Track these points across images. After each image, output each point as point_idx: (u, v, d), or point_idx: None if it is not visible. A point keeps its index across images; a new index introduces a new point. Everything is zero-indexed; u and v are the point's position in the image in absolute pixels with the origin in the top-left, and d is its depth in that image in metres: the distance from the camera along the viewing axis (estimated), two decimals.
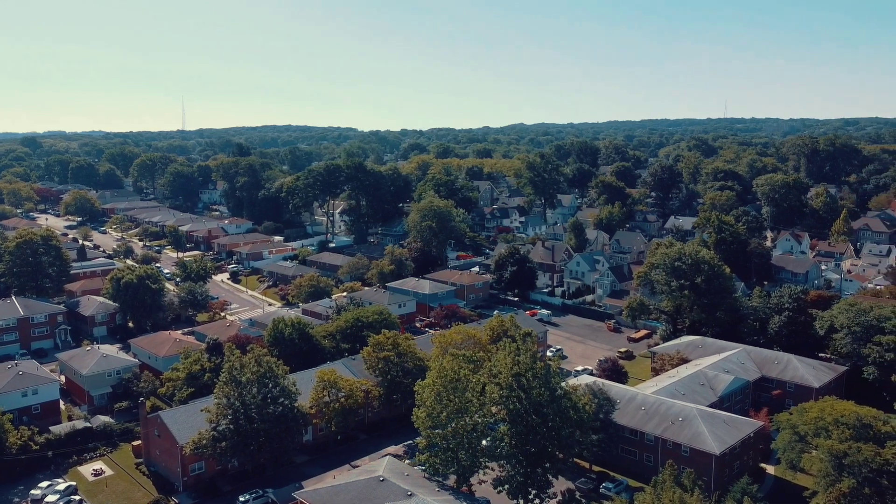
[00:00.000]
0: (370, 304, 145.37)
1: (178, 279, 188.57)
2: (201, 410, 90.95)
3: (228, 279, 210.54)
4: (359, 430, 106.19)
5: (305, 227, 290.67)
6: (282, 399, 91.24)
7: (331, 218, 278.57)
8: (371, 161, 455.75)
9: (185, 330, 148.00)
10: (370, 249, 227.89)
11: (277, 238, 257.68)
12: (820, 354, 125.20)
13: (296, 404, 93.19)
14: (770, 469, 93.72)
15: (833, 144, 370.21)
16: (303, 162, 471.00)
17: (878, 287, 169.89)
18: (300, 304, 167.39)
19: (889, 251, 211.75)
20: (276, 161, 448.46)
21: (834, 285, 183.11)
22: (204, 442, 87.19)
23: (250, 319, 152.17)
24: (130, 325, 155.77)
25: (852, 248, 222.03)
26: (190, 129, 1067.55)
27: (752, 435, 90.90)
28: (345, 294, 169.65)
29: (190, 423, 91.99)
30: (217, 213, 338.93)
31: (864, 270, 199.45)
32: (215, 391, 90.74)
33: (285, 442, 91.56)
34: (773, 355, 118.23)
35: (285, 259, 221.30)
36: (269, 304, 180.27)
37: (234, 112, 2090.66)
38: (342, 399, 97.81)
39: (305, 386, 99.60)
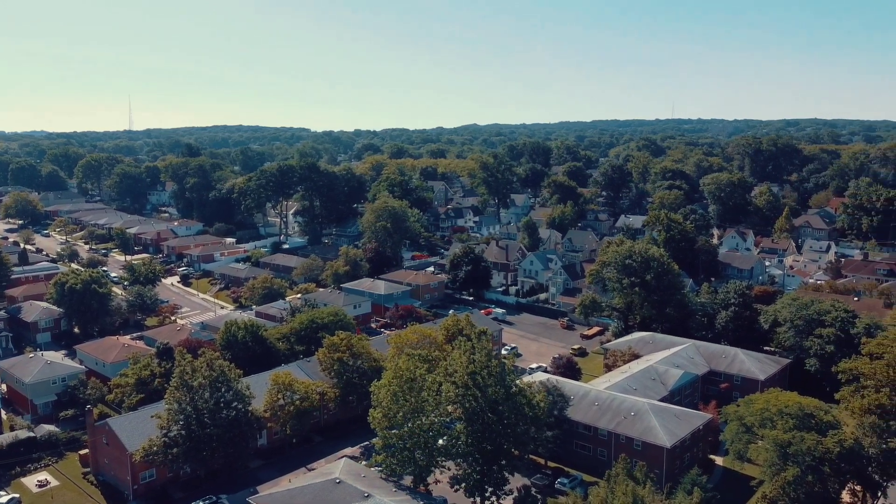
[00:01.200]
0: (325, 305, 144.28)
1: (126, 283, 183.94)
2: (152, 417, 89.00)
3: (179, 282, 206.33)
4: (314, 433, 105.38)
5: (258, 229, 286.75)
6: (235, 403, 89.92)
7: (284, 219, 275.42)
8: (325, 161, 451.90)
9: (134, 335, 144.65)
10: (324, 250, 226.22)
11: (229, 240, 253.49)
12: (765, 348, 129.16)
13: (250, 408, 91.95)
14: (719, 460, 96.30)
15: (775, 145, 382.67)
16: (255, 162, 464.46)
17: (818, 282, 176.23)
18: (253, 307, 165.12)
19: (828, 247, 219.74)
20: (228, 161, 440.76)
21: (777, 281, 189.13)
22: (155, 449, 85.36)
23: (202, 323, 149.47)
24: (76, 330, 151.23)
25: (794, 244, 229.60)
26: (137, 130, 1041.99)
27: (701, 427, 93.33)
28: (299, 296, 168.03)
29: (140, 429, 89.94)
30: (166, 214, 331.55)
31: (805, 266, 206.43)
32: (166, 397, 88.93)
33: (239, 447, 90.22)
34: (720, 349, 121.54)
35: (238, 261, 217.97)
36: (222, 307, 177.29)
37: (183, 112, 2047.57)
38: (297, 402, 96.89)
39: (260, 389, 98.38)
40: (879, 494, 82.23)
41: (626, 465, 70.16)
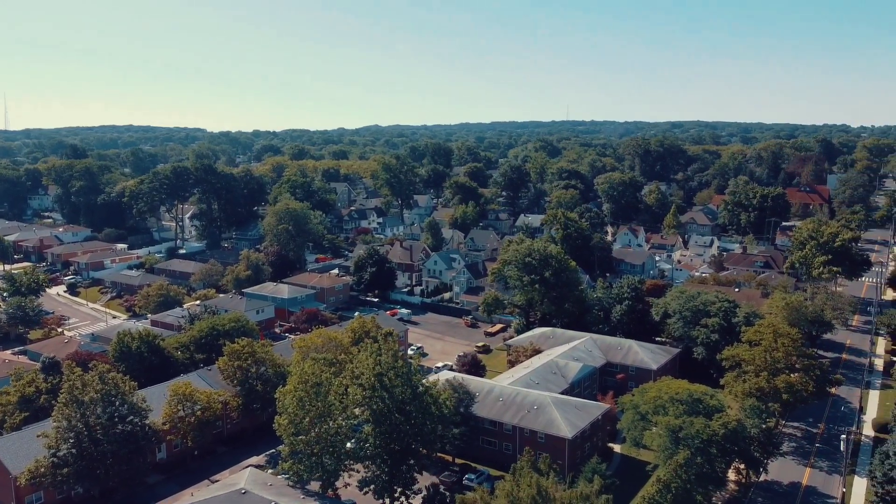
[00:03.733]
0: (226, 311, 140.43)
1: (5, 294, 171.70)
2: (38, 436, 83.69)
3: (65, 291, 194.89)
4: (218, 444, 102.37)
5: (152, 234, 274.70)
6: (131, 417, 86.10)
7: (180, 223, 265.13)
8: (222, 163, 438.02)
9: (16, 349, 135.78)
10: (224, 255, 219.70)
11: (121, 246, 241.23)
12: (656, 339, 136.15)
13: (147, 421, 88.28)
14: (617, 448, 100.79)
15: (662, 145, 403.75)
16: (147, 164, 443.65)
17: (703, 275, 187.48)
18: (149, 315, 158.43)
19: (712, 242, 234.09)
20: (117, 163, 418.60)
21: (667, 275, 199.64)
22: (42, 470, 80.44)
23: (92, 334, 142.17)
24: None
25: (681, 240, 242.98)
26: (15, 129, 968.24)
27: (600, 417, 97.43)
28: (198, 302, 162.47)
29: (24, 450, 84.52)
30: (50, 220, 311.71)
31: (691, 260, 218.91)
32: (54, 414, 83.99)
33: (136, 463, 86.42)
34: (616, 342, 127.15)
35: (130, 268, 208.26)
36: (114, 317, 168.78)
37: (66, 111, 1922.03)
38: (198, 412, 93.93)
39: (158, 401, 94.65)
40: (761, 471, 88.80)
41: (530, 457, 72.24)
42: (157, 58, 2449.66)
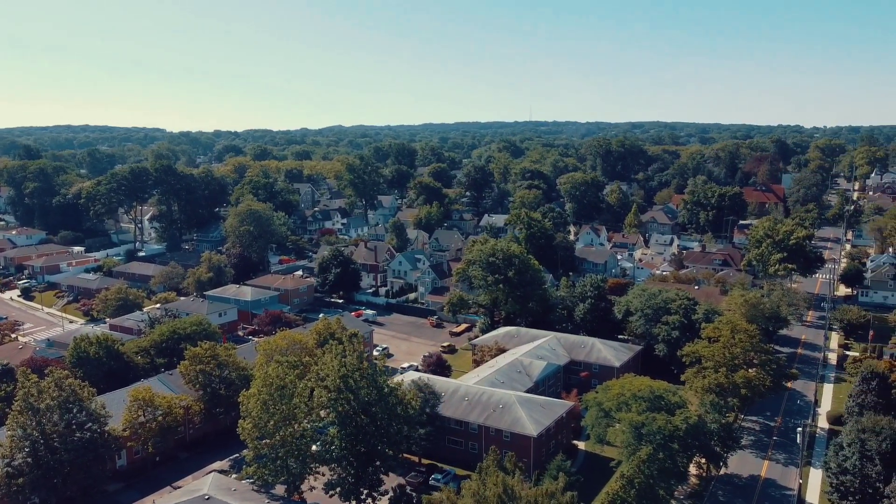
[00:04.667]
0: (187, 314, 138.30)
1: None
2: None
3: (19, 296, 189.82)
4: (180, 449, 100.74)
5: (110, 236, 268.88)
6: (89, 424, 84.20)
7: (139, 225, 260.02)
8: (182, 164, 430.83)
9: None
10: (185, 257, 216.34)
11: (77, 248, 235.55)
12: (619, 336, 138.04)
13: (106, 428, 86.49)
14: (581, 445, 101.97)
15: (623, 146, 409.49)
16: (104, 165, 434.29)
17: (664, 273, 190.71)
18: (107, 320, 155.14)
19: (672, 241, 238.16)
20: (73, 164, 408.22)
21: (628, 273, 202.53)
22: None
23: (48, 340, 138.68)
24: None
25: (642, 238, 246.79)
26: None
27: (564, 415, 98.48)
28: (158, 306, 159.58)
29: None
30: (2, 223, 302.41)
31: (652, 259, 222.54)
32: (8, 422, 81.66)
33: (95, 471, 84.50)
34: (579, 340, 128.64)
35: (88, 271, 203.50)
36: (71, 322, 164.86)
37: (18, 110, 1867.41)
38: (160, 417, 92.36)
39: (117, 407, 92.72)
40: (721, 464, 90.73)
41: (496, 456, 72.64)
42: (114, 54, 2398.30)
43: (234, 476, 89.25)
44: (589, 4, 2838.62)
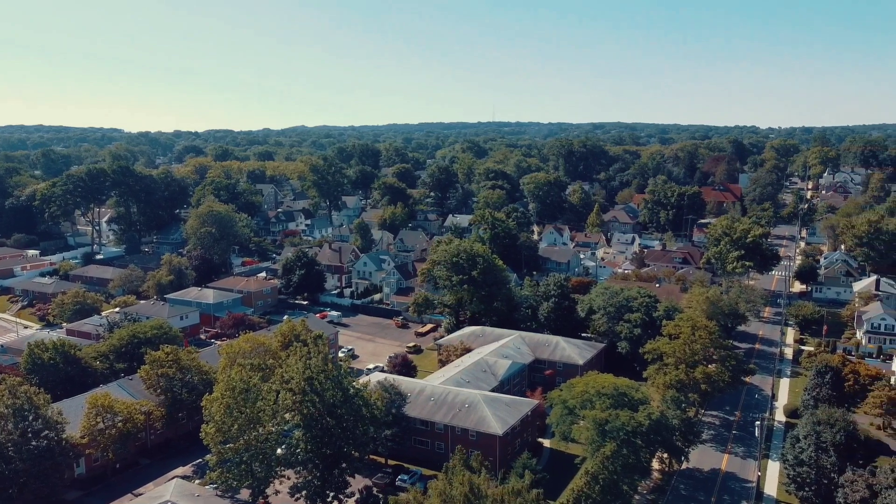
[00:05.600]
0: (147, 318, 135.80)
1: None
2: None
3: None
4: (141, 455, 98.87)
5: (66, 239, 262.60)
6: (45, 432, 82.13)
7: (97, 227, 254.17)
8: (141, 164, 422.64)
9: None
10: (145, 259, 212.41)
11: (32, 252, 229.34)
12: (582, 334, 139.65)
13: (64, 435, 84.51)
14: (546, 442, 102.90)
15: (585, 146, 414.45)
16: (59, 166, 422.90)
17: (626, 271, 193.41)
18: (64, 325, 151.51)
19: (633, 239, 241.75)
20: (27, 165, 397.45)
21: (591, 272, 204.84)
22: None
23: (1, 346, 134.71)
24: None
25: (605, 237, 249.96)
26: None
27: (529, 413, 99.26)
28: (117, 310, 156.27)
29: None
30: None
31: (614, 257, 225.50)
32: None
33: (52, 479, 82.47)
34: (544, 339, 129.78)
35: (43, 275, 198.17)
36: (25, 327, 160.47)
37: None
38: (119, 424, 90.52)
39: (75, 414, 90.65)
40: (683, 459, 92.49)
41: (462, 455, 72.96)
42: (70, 49, 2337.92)
43: (197, 481, 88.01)
44: (550, 5, 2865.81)
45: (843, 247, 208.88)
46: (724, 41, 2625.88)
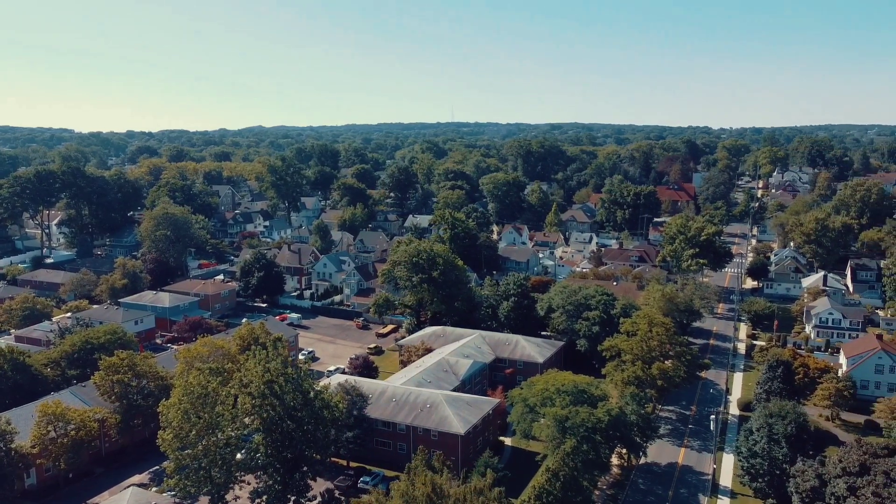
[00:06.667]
0: (101, 323, 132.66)
1: None
2: None
3: None
4: (95, 464, 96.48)
5: (14, 242, 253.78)
6: None
7: (46, 230, 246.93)
8: (93, 165, 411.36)
9: None
10: (97, 263, 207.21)
11: None
12: (542, 333, 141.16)
13: (13, 445, 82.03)
14: (508, 441, 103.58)
15: (543, 146, 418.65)
16: (6, 167, 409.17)
17: (584, 270, 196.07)
18: (12, 331, 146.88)
19: (591, 238, 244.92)
20: None
21: (550, 271, 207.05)
22: None
23: None
24: None
25: (563, 237, 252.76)
26: None
27: (490, 412, 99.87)
28: (69, 315, 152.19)
29: None
30: None
31: (573, 256, 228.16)
32: None
33: (1, 491, 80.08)
34: (504, 337, 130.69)
35: None
36: None
37: None
38: (72, 432, 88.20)
39: (25, 423, 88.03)
40: (641, 454, 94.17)
41: (424, 456, 73.06)
42: (12, 42, 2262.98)
43: (154, 489, 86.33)
44: (508, 4, 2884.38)
45: (792, 244, 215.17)
46: (677, 44, 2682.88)
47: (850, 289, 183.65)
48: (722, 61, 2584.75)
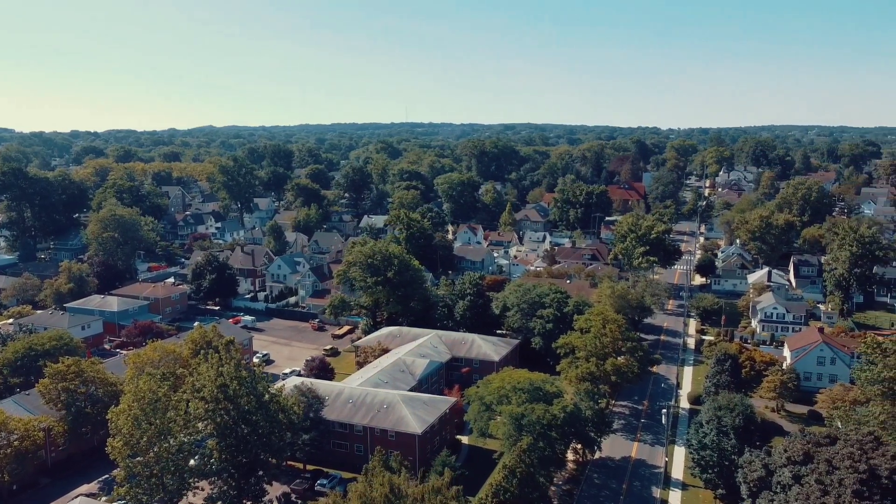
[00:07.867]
0: (45, 329, 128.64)
1: None
2: None
3: None
4: (41, 474, 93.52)
5: None
6: None
7: None
8: (35, 166, 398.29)
9: None
10: (41, 267, 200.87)
11: None
12: (497, 331, 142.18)
13: None
14: (465, 439, 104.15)
15: (497, 147, 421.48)
16: None
17: (538, 269, 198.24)
18: None
19: (544, 237, 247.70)
20: None
21: (505, 270, 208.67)
22: None
23: None
24: None
25: (517, 236, 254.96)
26: None
27: (447, 411, 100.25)
28: (11, 321, 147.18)
29: None
30: None
31: (527, 255, 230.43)
32: None
33: None
34: (460, 337, 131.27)
35: None
36: None
37: None
38: (15, 442, 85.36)
39: None
40: (596, 449, 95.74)
41: (381, 456, 72.94)
42: None
43: (104, 499, 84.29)
44: (460, 8, 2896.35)
45: (738, 241, 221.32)
46: (626, 45, 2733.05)
47: (793, 284, 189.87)
48: (671, 63, 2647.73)
